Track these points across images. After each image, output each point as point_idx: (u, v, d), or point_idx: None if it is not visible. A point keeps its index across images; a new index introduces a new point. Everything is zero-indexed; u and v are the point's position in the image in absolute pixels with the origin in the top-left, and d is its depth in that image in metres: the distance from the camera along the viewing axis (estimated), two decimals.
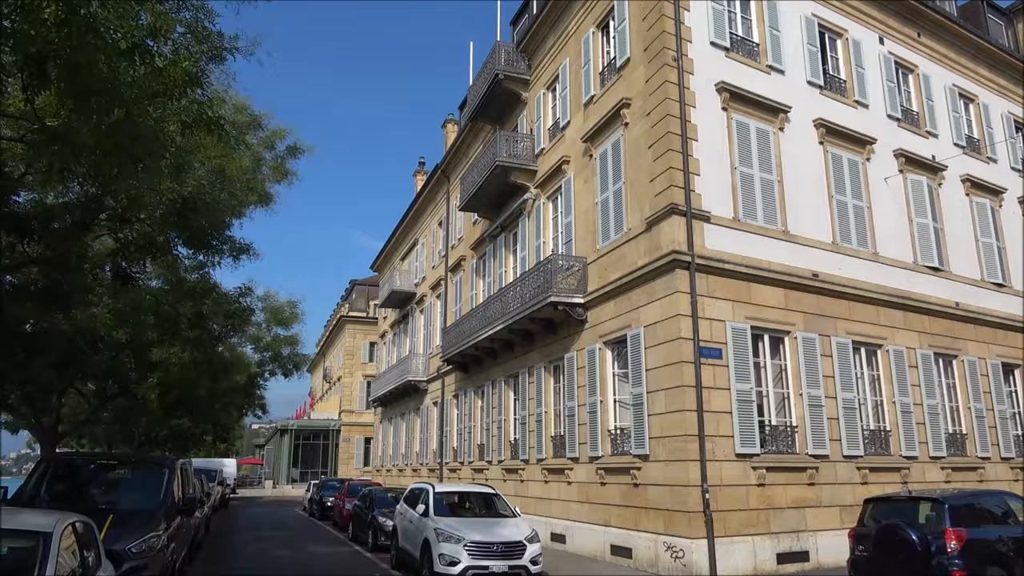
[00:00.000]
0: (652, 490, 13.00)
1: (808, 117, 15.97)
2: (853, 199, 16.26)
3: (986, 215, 19.22)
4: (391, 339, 38.92)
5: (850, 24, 17.68)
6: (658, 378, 13.15)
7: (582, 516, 15.47)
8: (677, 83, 13.88)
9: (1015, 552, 9.80)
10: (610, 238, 15.49)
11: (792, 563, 12.76)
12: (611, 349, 15.35)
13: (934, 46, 19.59)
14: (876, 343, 15.56)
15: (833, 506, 13.65)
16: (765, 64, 15.65)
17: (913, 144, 17.92)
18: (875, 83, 17.75)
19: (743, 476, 12.66)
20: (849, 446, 14.21)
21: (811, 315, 14.55)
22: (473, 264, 25.01)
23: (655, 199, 13.76)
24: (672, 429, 12.59)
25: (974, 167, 19.29)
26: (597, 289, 15.57)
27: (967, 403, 16.88)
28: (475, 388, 23.49)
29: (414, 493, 13.93)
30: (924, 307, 16.58)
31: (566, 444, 16.49)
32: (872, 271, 15.97)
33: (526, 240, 20.16)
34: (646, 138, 14.30)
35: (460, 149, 27.24)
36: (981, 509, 10.35)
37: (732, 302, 13.50)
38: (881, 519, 10.20)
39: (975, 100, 20.41)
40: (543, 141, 19.61)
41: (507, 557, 11.15)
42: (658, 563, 12.51)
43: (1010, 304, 18.82)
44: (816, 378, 14.15)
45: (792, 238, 14.85)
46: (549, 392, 17.95)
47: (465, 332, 22.03)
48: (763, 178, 14.80)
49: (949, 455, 16.02)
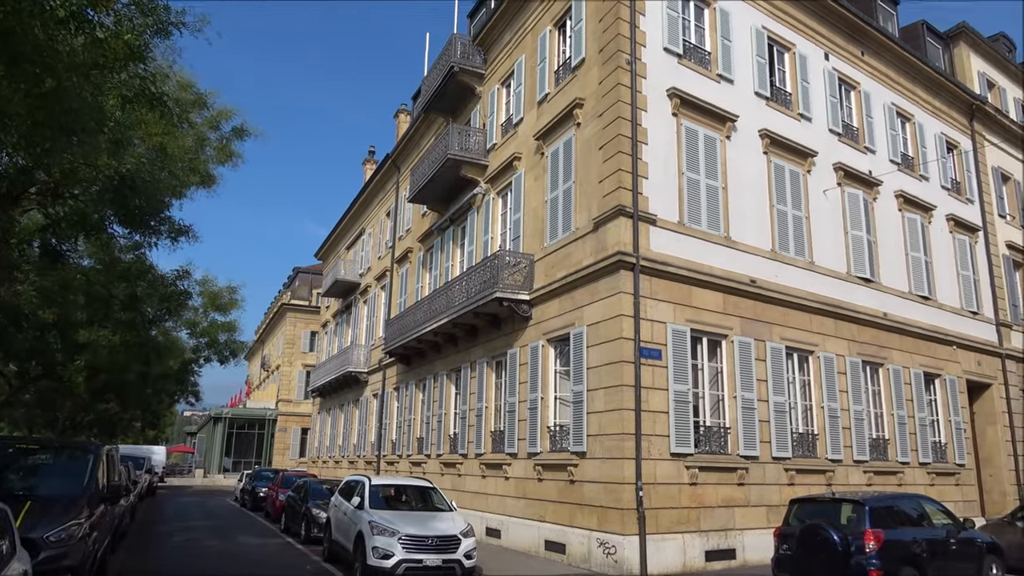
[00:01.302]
0: (588, 487, 13.16)
1: (754, 127, 16.38)
2: (793, 209, 16.75)
3: (916, 230, 20.07)
4: (333, 329, 38.37)
5: (798, 39, 18.20)
6: (599, 377, 13.31)
7: (518, 511, 15.55)
8: (630, 86, 14.05)
9: (928, 553, 10.29)
10: (558, 236, 15.59)
11: (720, 561, 13.10)
12: (554, 347, 15.46)
13: (876, 65, 20.33)
14: (808, 349, 16.08)
15: (761, 506, 14.06)
16: (716, 73, 15.97)
17: (852, 159, 18.57)
18: (819, 98, 18.32)
19: (677, 475, 12.93)
20: (778, 448, 14.66)
21: (748, 320, 14.94)
22: (420, 256, 24.84)
23: (603, 200, 13.91)
24: (610, 427, 12.77)
25: (907, 184, 20.11)
26: (543, 287, 15.66)
27: (890, 410, 17.60)
28: (417, 381, 23.36)
29: (350, 485, 13.78)
30: (854, 316, 17.20)
31: (505, 440, 16.55)
32: (807, 279, 16.49)
33: (474, 235, 20.13)
34: (597, 139, 14.44)
35: (412, 140, 27.00)
36: (899, 511, 10.81)
37: (673, 304, 13.76)
38: (805, 519, 10.55)
39: (911, 119, 21.27)
40: (495, 136, 19.60)
41: (441, 551, 11.13)
42: (591, 559, 12.68)
43: (934, 316, 19.71)
44: (750, 381, 14.54)
45: (733, 244, 15.22)
46: (491, 387, 17.98)
47: (409, 324, 21.87)
48: (708, 184, 15.12)
49: (871, 459, 16.68)
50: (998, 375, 21.41)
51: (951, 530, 11.14)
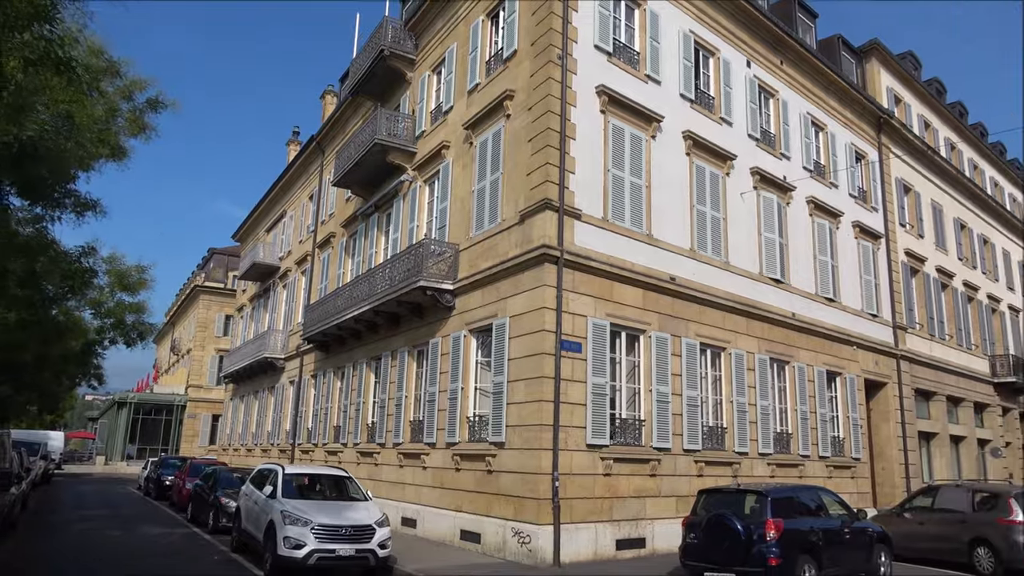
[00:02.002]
0: (505, 477, 13.26)
1: (678, 128, 16.80)
2: (712, 210, 17.29)
3: (824, 235, 21.07)
4: (249, 313, 37.23)
5: (723, 45, 18.76)
6: (519, 368, 13.41)
7: (434, 501, 15.53)
8: (560, 81, 14.16)
9: (824, 542, 10.87)
10: (484, 227, 15.58)
11: (630, 549, 13.47)
12: (476, 337, 15.48)
13: (794, 75, 21.18)
14: (721, 346, 16.67)
15: (671, 496, 14.52)
16: (644, 73, 16.28)
17: (768, 164, 19.31)
18: (740, 103, 18.95)
19: (592, 466, 13.19)
20: (689, 441, 15.15)
21: (666, 316, 15.36)
22: (343, 242, 24.37)
23: (530, 192, 13.99)
24: (529, 418, 12.89)
25: (818, 190, 21.07)
26: (467, 277, 15.64)
27: (794, 406, 18.46)
28: (335, 369, 22.95)
29: (262, 474, 13.46)
30: (765, 315, 17.94)
31: (424, 429, 16.48)
32: (723, 278, 17.07)
33: (399, 222, 19.89)
34: (526, 132, 14.49)
35: (338, 122, 26.41)
36: (798, 502, 11.37)
37: (595, 299, 13.99)
38: (712, 509, 10.96)
39: (825, 129, 22.28)
40: (424, 123, 19.40)
41: (355, 541, 11.01)
42: (505, 548, 12.80)
43: (838, 318, 20.77)
44: (665, 376, 14.97)
45: (655, 242, 15.59)
46: (411, 377, 17.85)
47: (329, 311, 21.44)
48: (633, 182, 15.42)
49: (775, 452, 17.46)
50: (893, 375, 22.77)
51: (845, 520, 11.81)
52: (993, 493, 14.22)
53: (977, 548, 13.53)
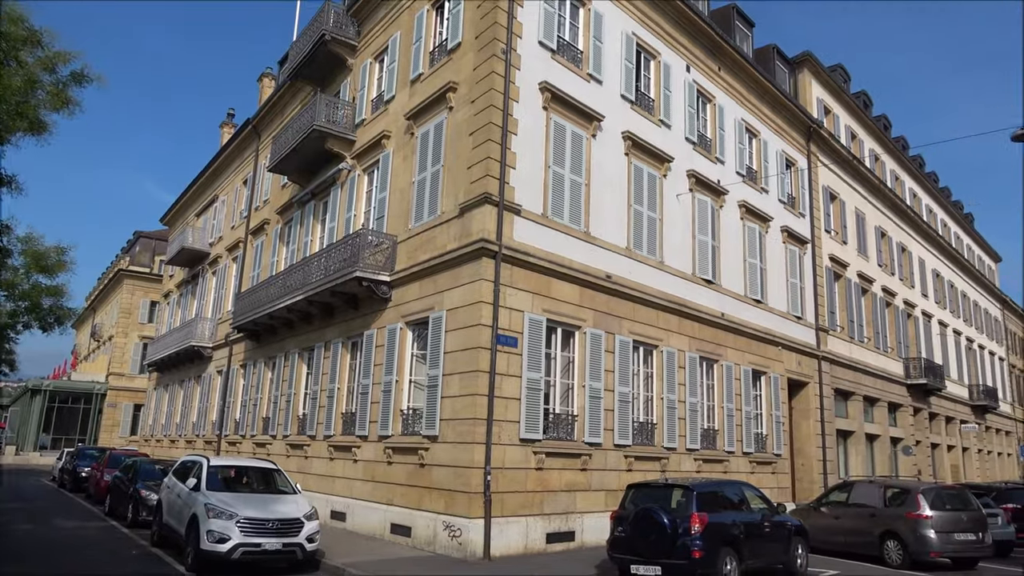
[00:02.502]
0: (437, 471, 13.23)
1: (618, 129, 17.04)
2: (648, 210, 17.62)
3: (754, 239, 21.75)
4: (176, 300, 35.99)
5: (664, 48, 19.11)
6: (455, 361, 13.39)
7: (365, 494, 15.37)
8: (504, 76, 14.15)
9: (745, 535, 11.24)
10: (423, 219, 15.47)
11: (560, 542, 13.63)
12: (412, 330, 15.37)
13: (731, 81, 21.75)
14: (653, 344, 17.02)
15: (601, 490, 14.77)
16: (586, 72, 16.44)
17: (704, 167, 19.79)
18: (679, 107, 19.35)
19: (524, 460, 13.28)
20: (620, 436, 15.43)
21: (601, 313, 15.58)
22: (277, 229, 23.80)
23: (470, 186, 13.95)
24: (463, 412, 12.89)
25: (750, 195, 21.73)
26: (405, 269, 15.50)
27: (721, 403, 19.02)
28: (266, 359, 22.42)
29: (186, 466, 13.05)
30: (696, 315, 18.40)
31: (356, 422, 16.28)
32: (657, 278, 17.43)
33: (336, 211, 19.54)
34: (469, 125, 14.44)
35: (276, 106, 25.75)
36: (722, 496, 11.72)
37: (532, 294, 14.07)
38: (640, 503, 11.18)
39: (758, 135, 22.98)
40: (365, 112, 19.10)
41: (282, 535, 10.81)
42: (436, 541, 12.78)
43: (764, 319, 21.49)
44: (599, 372, 15.19)
45: (592, 240, 15.78)
46: (345, 368, 17.59)
47: (261, 300, 20.92)
48: (573, 180, 15.57)
49: (702, 448, 17.96)
50: (815, 375, 23.72)
51: (766, 514, 12.24)
52: (903, 489, 14.98)
53: (887, 541, 14.24)
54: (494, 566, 11.64)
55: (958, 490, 15.71)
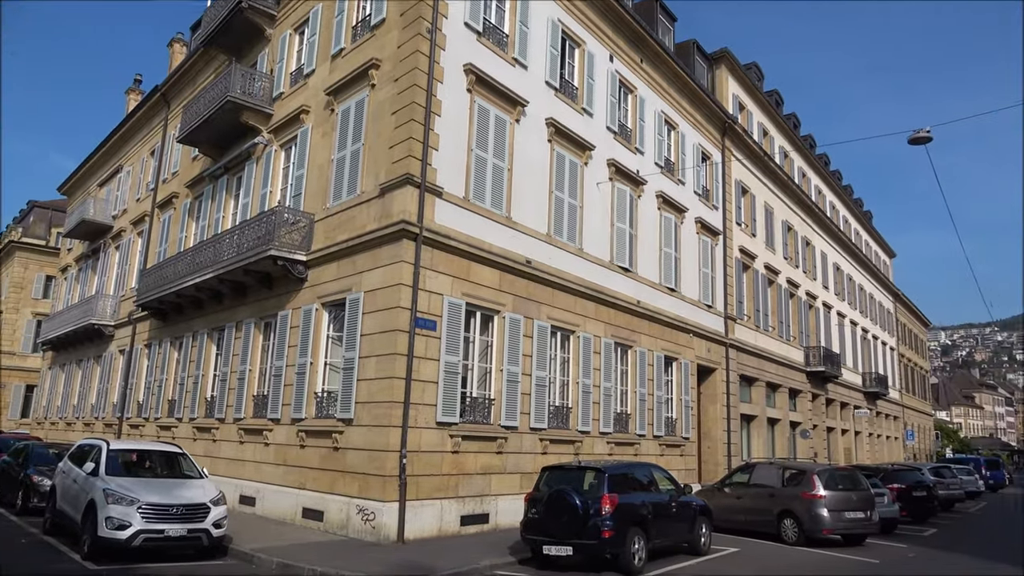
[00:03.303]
0: (352, 454, 13.07)
1: (542, 115, 17.12)
2: (569, 197, 17.82)
3: (670, 229, 22.36)
4: (75, 275, 33.98)
5: (588, 37, 19.28)
6: (372, 344, 13.22)
7: (276, 479, 15.03)
8: (428, 55, 13.96)
9: (653, 515, 11.66)
10: (342, 198, 15.13)
11: (474, 525, 13.75)
12: (328, 311, 15.06)
13: (652, 74, 22.19)
14: (570, 329, 17.30)
15: (516, 473, 14.95)
16: (512, 56, 16.41)
17: (624, 157, 20.16)
18: (601, 96, 19.61)
19: (440, 443, 13.29)
20: (536, 419, 15.65)
21: (520, 298, 15.69)
22: (187, 204, 22.78)
23: (392, 166, 13.74)
24: (379, 395, 12.76)
25: (667, 186, 22.30)
26: (322, 248, 15.14)
27: (635, 388, 19.55)
28: (173, 339, 21.51)
29: (83, 450, 12.40)
30: (612, 301, 18.80)
31: (268, 405, 15.87)
32: (576, 264, 17.69)
33: (251, 186, 18.86)
34: (391, 104, 14.18)
35: (187, 74, 24.55)
36: (632, 478, 12.10)
37: (452, 277, 14.03)
38: (553, 485, 11.40)
39: (676, 128, 23.57)
40: (283, 85, 18.46)
41: (187, 520, 10.45)
42: (349, 525, 12.65)
43: (677, 307, 22.18)
44: (517, 356, 15.32)
45: (513, 224, 15.85)
46: (257, 349, 17.09)
47: (168, 276, 20.01)
48: (495, 164, 15.56)
49: (615, 431, 18.43)
50: (722, 361, 24.69)
51: (673, 495, 12.72)
52: (800, 470, 15.83)
53: (784, 519, 15.04)
54: (407, 549, 11.63)
55: (849, 471, 16.73)
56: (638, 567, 10.90)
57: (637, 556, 10.96)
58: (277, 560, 10.44)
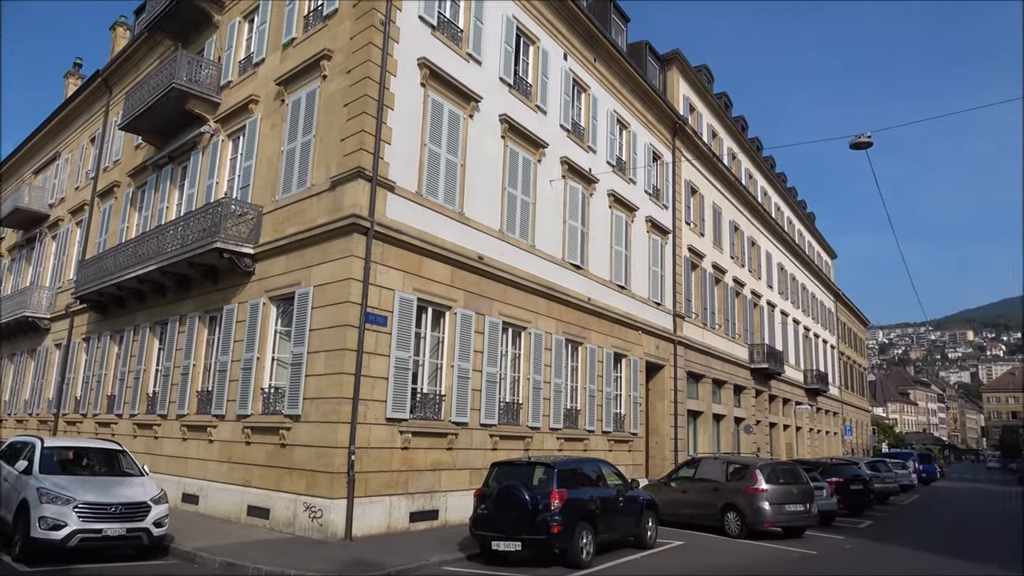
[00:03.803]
0: (299, 451, 12.88)
1: (496, 111, 17.12)
2: (522, 194, 17.88)
3: (621, 227, 22.63)
4: (8, 265, 32.60)
5: (543, 35, 19.35)
6: (321, 339, 13.04)
7: (220, 476, 14.72)
8: (382, 48, 13.81)
9: (601, 509, 11.81)
10: (292, 191, 14.87)
11: (423, 521, 13.70)
12: (276, 305, 14.80)
13: (606, 73, 22.40)
14: (522, 325, 17.37)
15: (465, 469, 14.95)
16: (466, 51, 16.36)
17: (576, 155, 20.31)
18: (555, 94, 19.71)
19: (390, 439, 13.20)
20: (486, 416, 15.67)
21: (472, 294, 15.69)
22: (129, 193, 22.07)
23: (343, 159, 13.56)
24: (328, 391, 12.61)
25: (618, 185, 22.55)
26: (270, 241, 14.86)
27: (584, 384, 19.74)
28: (113, 333, 20.84)
29: (15, 447, 11.96)
30: (564, 298, 18.94)
31: (213, 400, 15.52)
32: (528, 261, 17.76)
33: (197, 177, 18.38)
34: (343, 96, 13.99)
35: (130, 59, 23.76)
36: (581, 473, 12.24)
37: (403, 273, 13.93)
38: (503, 481, 11.44)
39: (628, 127, 23.84)
40: (232, 73, 18.02)
41: (127, 520, 10.17)
42: (295, 523, 12.48)
43: (627, 304, 22.47)
44: (468, 352, 15.32)
45: (466, 220, 15.82)
46: (201, 344, 16.68)
47: (109, 268, 19.36)
48: (449, 159, 15.50)
49: (564, 427, 18.58)
50: (670, 358, 25.11)
51: (621, 489, 12.90)
52: (743, 465, 16.23)
53: (728, 512, 15.40)
54: (355, 546, 11.53)
55: (790, 466, 17.23)
56: (586, 561, 11.03)
57: (585, 550, 11.09)
58: (221, 559, 10.24)
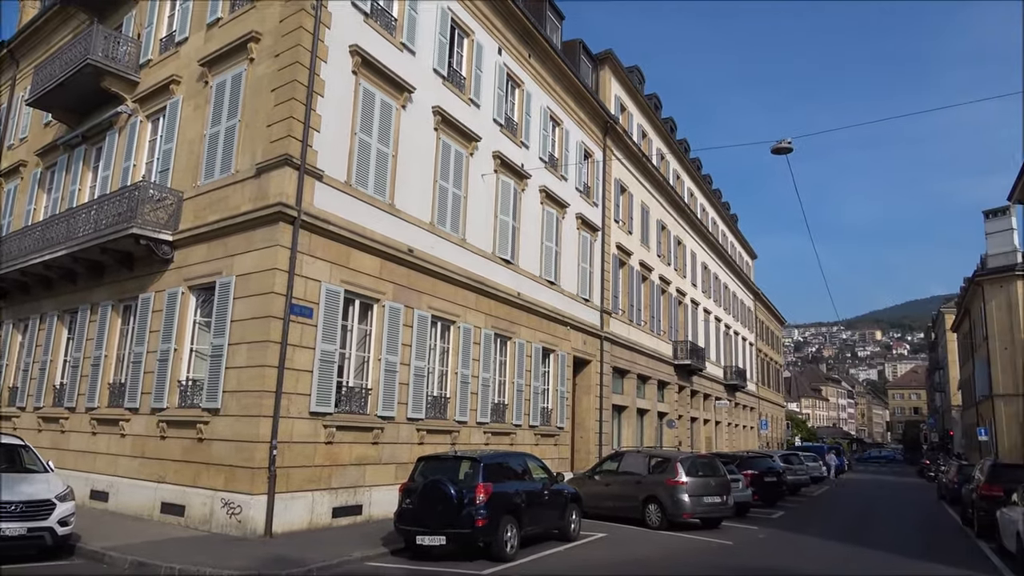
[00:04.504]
0: (218, 445, 12.48)
1: (429, 103, 16.96)
2: (454, 187, 17.79)
3: (552, 223, 22.82)
4: None
5: (478, 28, 19.28)
6: (243, 331, 12.66)
7: (133, 472, 14.11)
8: (312, 33, 13.47)
9: (526, 503, 11.91)
10: (215, 176, 14.34)
11: (347, 516, 13.50)
12: (196, 295, 14.27)
13: (539, 70, 22.50)
14: (451, 319, 17.30)
15: (391, 463, 14.81)
16: (400, 41, 16.14)
17: (509, 150, 20.35)
18: (489, 88, 19.67)
19: (314, 434, 12.94)
20: (413, 410, 15.56)
21: (401, 287, 15.52)
22: (36, 173, 20.84)
23: (270, 146, 13.17)
24: (250, 384, 12.25)
25: (550, 181, 22.72)
26: (191, 228, 14.30)
27: (512, 378, 19.84)
28: (16, 321, 19.66)
29: None
30: (494, 293, 18.97)
31: (126, 393, 14.85)
32: (458, 255, 17.70)
33: (112, 159, 17.51)
34: (271, 80, 13.58)
35: (40, 31, 22.39)
36: (507, 467, 12.31)
37: (331, 264, 13.66)
38: (429, 475, 11.41)
39: (561, 125, 24.04)
40: (152, 51, 17.22)
41: (28, 518, 9.62)
42: (212, 520, 12.09)
43: (556, 300, 22.69)
44: (396, 346, 15.16)
45: (396, 212, 15.63)
46: (114, 334, 15.94)
47: (13, 252, 18.24)
48: (380, 150, 15.27)
49: (492, 421, 18.64)
50: (597, 353, 25.51)
51: (546, 483, 13.04)
52: (664, 458, 16.66)
53: (649, 505, 15.80)
54: (275, 543, 11.26)
55: (709, 459, 17.79)
56: (510, 554, 11.11)
57: (509, 543, 11.17)
58: (131, 558, 9.82)
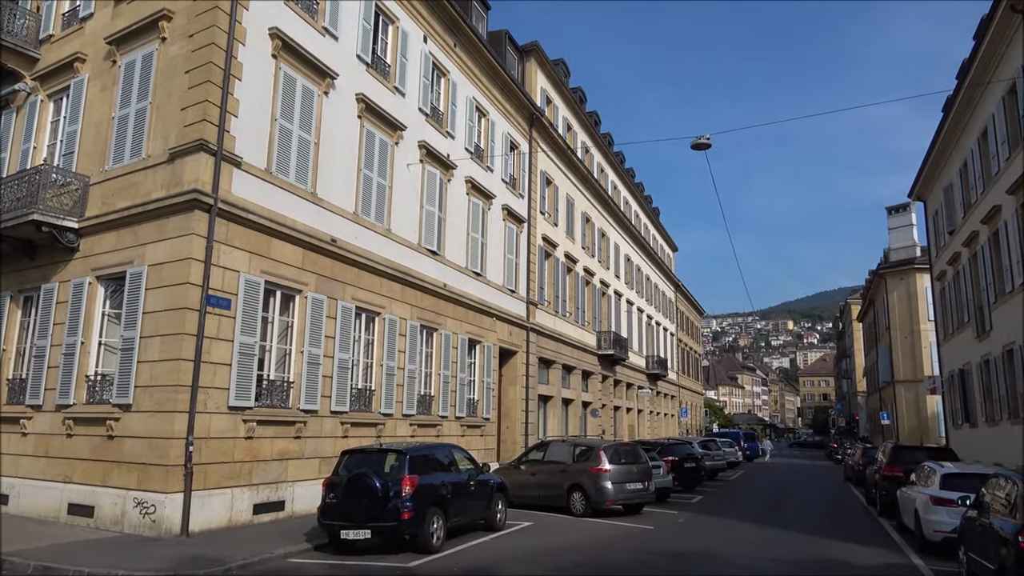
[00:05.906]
0: (130, 443, 11.94)
1: (352, 89, 16.62)
2: (378, 177, 17.52)
3: (478, 214, 22.80)
4: None
5: (403, 15, 19.00)
6: (156, 323, 12.13)
7: (36, 472, 13.34)
8: (229, 14, 12.96)
9: (452, 494, 11.91)
10: (124, 161, 13.65)
11: (268, 513, 13.17)
12: (105, 285, 13.57)
13: (465, 59, 22.39)
14: (376, 311, 17.07)
15: (315, 458, 14.52)
16: (322, 25, 15.74)
17: (435, 140, 20.19)
18: (414, 76, 19.44)
19: (233, 429, 12.54)
20: (337, 403, 15.29)
21: (324, 278, 15.20)
22: None
23: (184, 130, 12.63)
24: (164, 378, 11.76)
25: (476, 172, 22.68)
26: (98, 215, 13.58)
27: (439, 370, 19.76)
28: None
29: None
30: (419, 284, 18.82)
31: (28, 389, 14.02)
32: (383, 245, 17.47)
33: (10, 140, 16.41)
34: (185, 61, 13.01)
35: None
36: (433, 459, 12.27)
37: (250, 254, 13.23)
38: (353, 469, 11.25)
39: (487, 115, 24.01)
40: (54, 26, 16.22)
41: None
42: (124, 520, 11.57)
43: (482, 291, 22.72)
44: (319, 338, 14.84)
45: (319, 201, 15.28)
46: (13, 327, 15.01)
47: None
48: (301, 137, 14.87)
49: (418, 413, 18.52)
50: (523, 344, 25.70)
51: (472, 474, 13.08)
52: (588, 447, 16.97)
53: (573, 493, 16.06)
54: (193, 542, 10.88)
55: (631, 447, 18.23)
56: (436, 545, 11.10)
57: (436, 535, 11.15)
58: (35, 563, 9.29)
